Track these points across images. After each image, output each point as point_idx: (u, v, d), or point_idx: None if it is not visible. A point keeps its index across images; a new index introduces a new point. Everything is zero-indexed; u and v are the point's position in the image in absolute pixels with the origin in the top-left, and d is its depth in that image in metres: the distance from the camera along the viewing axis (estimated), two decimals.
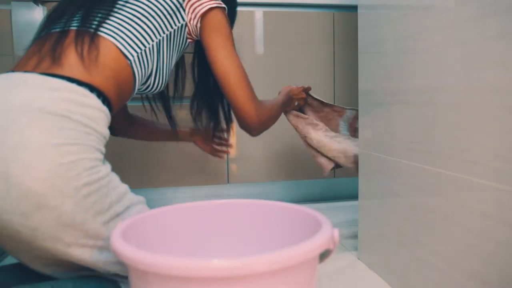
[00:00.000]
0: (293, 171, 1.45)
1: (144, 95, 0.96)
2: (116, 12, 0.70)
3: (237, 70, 0.78)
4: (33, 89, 0.57)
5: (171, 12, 0.75)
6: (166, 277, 0.41)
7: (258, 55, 1.40)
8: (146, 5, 0.72)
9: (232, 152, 1.41)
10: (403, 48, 0.75)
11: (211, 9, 0.77)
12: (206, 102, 0.95)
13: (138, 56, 0.70)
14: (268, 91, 1.41)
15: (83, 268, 0.60)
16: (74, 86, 0.59)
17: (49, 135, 0.53)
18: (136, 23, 0.70)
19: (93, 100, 0.60)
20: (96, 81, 0.62)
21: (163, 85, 0.79)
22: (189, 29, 0.78)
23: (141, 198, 0.66)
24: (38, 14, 1.26)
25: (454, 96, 0.61)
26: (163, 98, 0.97)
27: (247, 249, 0.63)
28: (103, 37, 0.67)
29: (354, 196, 1.51)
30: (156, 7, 0.73)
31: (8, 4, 1.07)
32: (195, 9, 0.77)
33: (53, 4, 1.27)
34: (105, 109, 0.62)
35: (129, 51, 0.68)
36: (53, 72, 0.60)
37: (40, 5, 1.27)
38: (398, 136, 0.77)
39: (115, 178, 0.62)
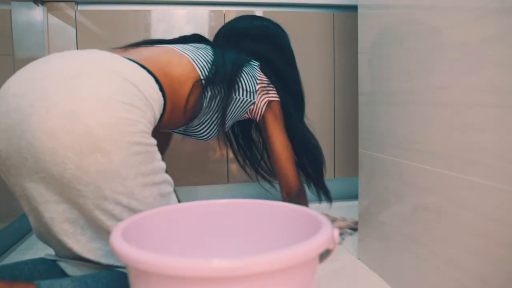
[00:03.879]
0: None
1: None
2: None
3: (289, 151, 0.98)
4: (115, 60, 0.66)
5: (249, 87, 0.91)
6: (166, 277, 0.41)
7: None
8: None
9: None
10: (403, 48, 0.75)
11: (275, 101, 0.95)
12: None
13: (209, 90, 0.81)
14: None
15: (88, 263, 0.62)
16: (144, 70, 0.68)
17: (117, 93, 0.60)
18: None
19: (156, 87, 0.68)
20: (162, 79, 0.71)
21: (211, 136, 0.91)
22: (254, 107, 0.94)
23: (171, 180, 0.70)
24: (38, 14, 1.26)
25: (454, 96, 0.61)
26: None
27: (247, 249, 0.63)
28: (187, 57, 0.81)
29: (354, 196, 1.51)
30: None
31: (8, 4, 1.07)
32: (263, 94, 0.94)
33: (53, 4, 1.28)
34: (162, 99, 0.70)
35: (203, 74, 0.81)
36: (130, 58, 0.70)
37: (40, 5, 1.27)
38: (398, 136, 0.77)
39: (159, 154, 0.66)
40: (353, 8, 1.42)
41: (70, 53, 0.67)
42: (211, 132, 0.90)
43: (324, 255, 0.51)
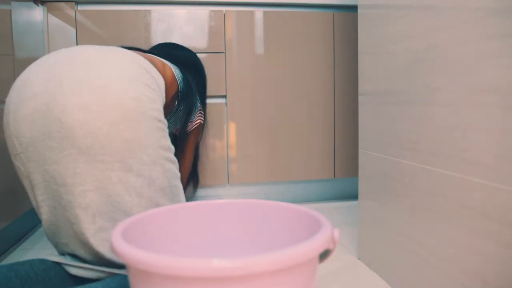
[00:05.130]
0: (293, 171, 1.45)
1: None
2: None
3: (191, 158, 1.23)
4: (129, 51, 0.74)
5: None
6: (166, 277, 0.41)
7: (258, 55, 1.40)
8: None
9: (232, 152, 1.41)
10: (403, 48, 0.75)
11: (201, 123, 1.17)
12: None
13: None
14: (268, 91, 1.41)
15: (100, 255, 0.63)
16: (152, 65, 0.76)
17: (138, 74, 0.67)
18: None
19: (160, 76, 0.77)
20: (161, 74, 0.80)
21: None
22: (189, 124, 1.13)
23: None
24: (38, 14, 1.26)
25: (454, 96, 0.61)
26: None
27: (247, 249, 0.63)
28: (169, 65, 0.94)
29: (354, 196, 1.52)
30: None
31: (8, 4, 1.07)
32: (198, 116, 1.14)
33: (53, 4, 1.28)
34: (165, 88, 0.78)
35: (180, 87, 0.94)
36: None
37: (40, 5, 1.27)
38: (398, 136, 0.77)
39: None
40: (353, 8, 1.43)
41: (85, 45, 0.72)
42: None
43: (324, 255, 0.51)
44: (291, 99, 1.43)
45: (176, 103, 0.93)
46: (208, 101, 1.34)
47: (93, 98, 0.60)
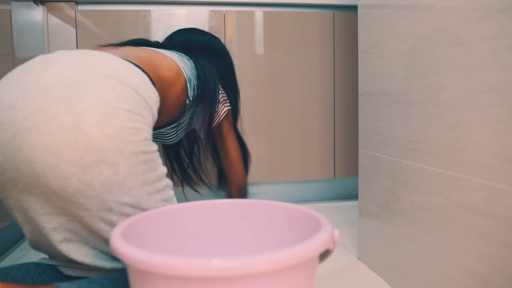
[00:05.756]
0: (293, 171, 1.45)
1: None
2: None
3: (240, 153, 1.11)
4: (110, 62, 0.64)
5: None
6: (166, 277, 0.41)
7: (258, 55, 1.40)
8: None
9: None
10: (403, 48, 0.75)
11: (229, 110, 1.04)
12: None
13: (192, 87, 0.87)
14: (268, 91, 1.41)
15: (93, 268, 0.62)
16: (140, 70, 0.67)
17: (119, 100, 0.58)
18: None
19: (152, 87, 0.67)
20: (154, 79, 0.71)
21: (178, 138, 0.96)
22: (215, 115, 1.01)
23: (171, 183, 0.69)
24: (38, 14, 1.26)
25: (454, 96, 0.61)
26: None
27: (247, 249, 0.63)
28: (175, 61, 0.84)
29: (354, 196, 1.51)
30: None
31: (8, 4, 1.07)
32: (223, 104, 1.02)
33: (53, 4, 1.28)
34: (158, 98, 0.69)
35: (189, 84, 0.85)
36: (123, 57, 0.69)
37: (40, 5, 1.27)
38: (398, 136, 0.77)
39: (160, 158, 0.66)
40: (353, 8, 1.43)
41: (60, 57, 0.63)
42: (178, 135, 0.94)
43: (324, 255, 0.51)
44: (291, 99, 1.43)
45: (187, 109, 0.87)
46: None
47: (63, 139, 0.53)
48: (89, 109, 0.55)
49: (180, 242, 0.62)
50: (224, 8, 1.38)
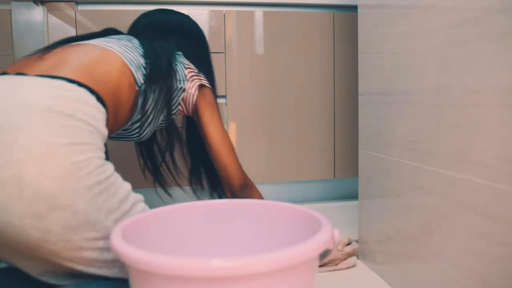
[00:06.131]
0: (293, 171, 1.45)
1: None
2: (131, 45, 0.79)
3: (227, 142, 0.88)
4: (33, 87, 0.57)
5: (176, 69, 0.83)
6: (166, 277, 0.41)
7: (258, 55, 1.40)
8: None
9: None
10: (403, 48, 0.75)
11: (205, 86, 0.88)
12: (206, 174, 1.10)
13: (144, 81, 0.75)
14: (268, 91, 1.41)
15: (84, 276, 0.59)
16: (74, 86, 0.60)
17: (58, 135, 0.52)
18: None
19: (93, 100, 0.61)
20: (95, 86, 0.63)
21: (146, 135, 0.84)
22: (186, 95, 0.86)
23: (140, 196, 0.65)
24: (38, 14, 1.26)
25: (454, 96, 0.61)
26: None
27: (247, 249, 0.63)
28: (114, 51, 0.73)
29: (354, 196, 1.51)
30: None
31: (8, 4, 1.07)
32: (194, 79, 0.86)
33: (53, 4, 1.28)
34: (104, 110, 0.63)
35: (135, 69, 0.74)
36: (53, 74, 0.60)
37: (40, 5, 1.27)
38: (398, 136, 0.77)
39: (118, 177, 0.61)
40: (353, 8, 1.42)
41: (7, 88, 0.56)
42: (145, 130, 0.82)
43: (324, 255, 0.51)
44: (291, 99, 1.43)
45: (139, 95, 0.75)
46: None
47: (8, 195, 0.49)
48: (25, 156, 0.49)
49: (180, 242, 0.62)
50: (224, 8, 1.38)
